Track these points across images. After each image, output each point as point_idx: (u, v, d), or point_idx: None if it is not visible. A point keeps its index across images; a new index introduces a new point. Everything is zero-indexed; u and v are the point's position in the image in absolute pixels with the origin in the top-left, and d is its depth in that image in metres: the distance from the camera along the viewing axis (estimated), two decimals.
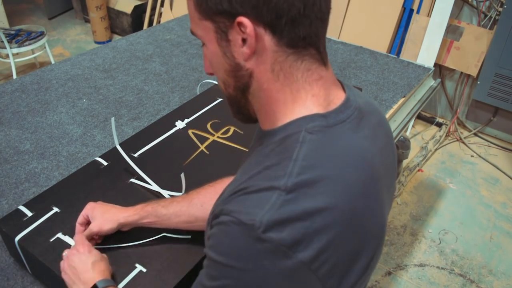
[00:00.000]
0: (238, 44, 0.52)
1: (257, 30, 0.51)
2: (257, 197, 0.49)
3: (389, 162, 0.63)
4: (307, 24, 0.52)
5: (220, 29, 0.53)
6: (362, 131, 0.57)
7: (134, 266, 0.81)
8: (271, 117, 0.57)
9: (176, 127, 1.20)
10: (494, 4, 2.52)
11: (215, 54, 0.56)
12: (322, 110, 0.55)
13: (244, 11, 0.50)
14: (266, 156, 0.55)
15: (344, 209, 0.50)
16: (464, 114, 2.92)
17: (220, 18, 0.52)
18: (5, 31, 2.99)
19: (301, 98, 0.55)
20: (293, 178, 0.49)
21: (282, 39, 0.52)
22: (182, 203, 0.83)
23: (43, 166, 1.17)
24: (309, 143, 0.52)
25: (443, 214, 2.28)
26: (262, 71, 0.54)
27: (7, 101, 1.44)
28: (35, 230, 0.87)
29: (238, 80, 0.56)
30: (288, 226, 0.47)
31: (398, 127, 1.51)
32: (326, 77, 0.56)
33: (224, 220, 0.50)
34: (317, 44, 0.54)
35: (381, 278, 1.93)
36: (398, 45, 2.66)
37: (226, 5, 0.50)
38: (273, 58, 0.53)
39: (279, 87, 0.55)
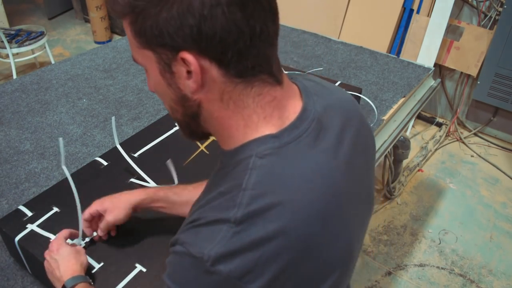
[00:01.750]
0: (183, 76, 0.50)
1: (202, 63, 0.49)
2: (208, 230, 0.49)
3: (359, 165, 0.61)
4: (254, 54, 0.50)
5: (162, 60, 0.51)
6: (321, 143, 0.54)
7: (134, 266, 0.81)
8: (226, 139, 0.56)
9: (176, 127, 1.20)
10: (494, 4, 2.52)
11: (159, 84, 0.54)
12: (274, 130, 0.53)
13: (187, 46, 0.47)
14: (222, 178, 0.54)
15: (296, 234, 0.48)
16: (464, 114, 2.92)
17: (161, 50, 0.49)
18: (5, 31, 2.99)
19: (253, 122, 0.53)
20: (242, 209, 0.48)
21: (229, 71, 0.50)
22: (193, 192, 0.83)
23: (43, 166, 1.17)
24: (259, 169, 0.50)
25: (443, 214, 2.28)
26: (210, 101, 0.52)
27: (7, 101, 1.44)
28: (35, 230, 0.87)
29: (186, 109, 0.55)
30: (237, 258, 0.47)
31: (398, 127, 1.51)
32: (280, 96, 0.54)
33: (178, 250, 0.50)
34: (268, 69, 0.52)
35: (381, 278, 1.93)
36: (398, 45, 2.66)
37: (168, 39, 0.48)
38: (221, 88, 0.51)
39: (230, 114, 0.53)
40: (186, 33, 0.47)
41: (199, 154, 1.11)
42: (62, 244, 0.80)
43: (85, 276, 0.76)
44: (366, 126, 0.66)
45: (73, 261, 0.77)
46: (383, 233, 2.16)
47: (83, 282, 0.74)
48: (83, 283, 0.74)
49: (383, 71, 1.73)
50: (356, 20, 2.68)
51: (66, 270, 0.75)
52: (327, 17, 2.74)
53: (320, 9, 2.74)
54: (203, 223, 0.50)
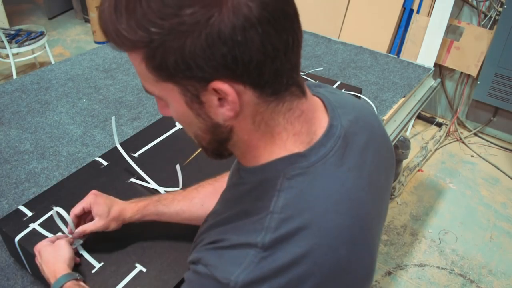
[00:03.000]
0: (215, 105, 0.46)
1: (236, 89, 0.45)
2: (233, 254, 0.48)
3: (381, 184, 0.59)
4: (289, 67, 0.47)
5: (189, 91, 0.46)
6: (346, 161, 0.53)
7: (134, 266, 0.81)
8: (248, 158, 0.54)
9: (176, 127, 1.20)
10: (494, 4, 2.52)
11: (184, 115, 0.49)
12: (302, 148, 0.51)
13: (220, 76, 0.43)
14: (244, 196, 0.53)
15: (322, 259, 0.47)
16: (464, 114, 2.92)
17: (188, 82, 0.45)
18: (5, 31, 2.99)
19: (282, 139, 0.51)
20: (270, 233, 0.46)
21: (264, 91, 0.46)
22: (182, 202, 0.84)
23: (43, 166, 1.17)
24: (287, 192, 0.49)
25: (443, 214, 2.28)
26: (242, 125, 0.49)
27: (7, 101, 1.44)
28: (35, 230, 0.87)
29: (216, 135, 0.51)
30: (265, 284, 0.45)
31: (398, 127, 1.51)
32: (307, 109, 0.52)
33: (201, 272, 0.49)
34: (297, 80, 0.50)
35: (381, 278, 1.93)
36: (398, 45, 2.66)
37: (197, 71, 0.43)
38: (254, 110, 0.48)
39: (259, 135, 0.50)
40: (218, 63, 0.42)
41: (199, 154, 1.11)
42: (42, 245, 0.79)
43: (69, 273, 0.74)
44: (387, 139, 0.65)
45: (52, 261, 0.76)
46: (383, 233, 2.15)
47: (68, 282, 0.73)
48: (69, 282, 0.73)
49: (383, 71, 1.72)
50: (356, 20, 2.68)
51: (50, 273, 0.75)
52: (327, 17, 2.74)
53: (320, 9, 2.74)
54: (228, 245, 0.49)
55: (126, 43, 0.44)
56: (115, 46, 0.45)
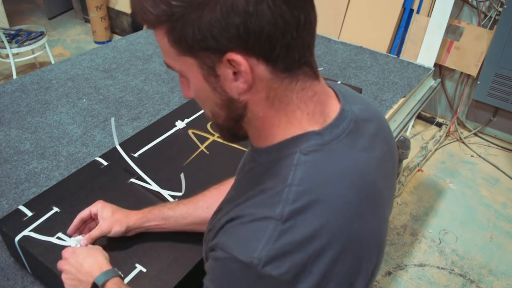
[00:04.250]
0: (230, 78, 0.48)
1: (250, 62, 0.47)
2: (253, 228, 0.48)
3: (389, 170, 0.62)
4: (300, 44, 0.49)
5: (205, 64, 0.48)
6: (359, 143, 0.55)
7: (134, 266, 0.81)
8: (265, 138, 0.55)
9: (176, 127, 1.20)
10: (494, 4, 2.52)
11: (202, 89, 0.52)
12: (317, 127, 0.53)
13: (234, 47, 0.46)
14: (260, 176, 0.53)
15: (339, 230, 0.49)
16: (464, 114, 2.92)
17: (204, 54, 0.47)
18: (5, 31, 2.99)
19: (296, 118, 0.53)
20: (289, 205, 0.47)
21: (277, 66, 0.48)
22: (188, 206, 0.84)
23: (43, 166, 1.17)
24: (304, 166, 0.50)
25: (443, 214, 2.28)
26: (257, 100, 0.51)
27: (7, 101, 1.44)
28: (35, 230, 0.87)
29: (231, 111, 0.53)
30: (288, 259, 0.46)
31: (398, 127, 1.51)
32: (320, 91, 0.54)
33: (221, 257, 0.49)
34: (309, 59, 0.52)
35: (381, 278, 1.93)
36: (398, 45, 2.66)
37: (212, 42, 0.46)
38: (268, 86, 0.50)
39: (274, 112, 0.52)
40: (232, 34, 0.45)
41: (199, 154, 1.11)
42: (74, 248, 0.78)
43: (115, 269, 0.74)
44: (392, 135, 0.67)
45: (96, 255, 0.75)
46: None
47: (115, 277, 0.72)
48: (115, 277, 0.72)
49: (383, 71, 1.73)
50: (356, 20, 2.68)
51: (92, 267, 0.73)
52: (327, 17, 2.74)
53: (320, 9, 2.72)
54: (246, 221, 0.49)
55: (151, 18, 0.47)
56: (143, 21, 0.49)
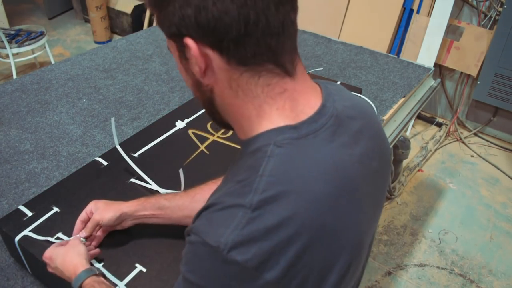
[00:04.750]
0: (193, 62, 0.54)
1: (204, 50, 0.52)
2: (223, 215, 0.50)
3: (373, 168, 0.61)
4: (253, 42, 0.51)
5: (179, 47, 0.55)
6: (338, 139, 0.56)
7: (134, 266, 0.81)
8: (241, 128, 0.58)
9: (176, 127, 1.20)
10: (494, 4, 2.52)
11: (180, 70, 0.59)
12: (291, 122, 0.54)
13: (189, 33, 0.51)
14: (239, 167, 0.55)
15: (309, 222, 0.49)
16: (464, 114, 2.92)
17: (175, 38, 0.54)
18: (5, 31, 2.99)
19: (265, 112, 0.54)
20: (259, 194, 0.49)
21: (230, 59, 0.52)
22: (185, 198, 0.84)
23: (43, 166, 1.17)
24: (277, 157, 0.51)
25: (443, 214, 2.28)
26: (220, 88, 0.55)
27: (7, 101, 1.44)
28: (35, 230, 0.87)
29: (202, 94, 0.58)
30: (254, 246, 0.47)
31: (398, 127, 1.51)
32: (292, 88, 0.55)
33: (193, 240, 0.51)
34: (273, 59, 0.53)
35: (381, 278, 1.93)
36: (398, 45, 2.66)
37: (174, 28, 0.53)
38: (227, 75, 0.53)
39: (240, 103, 0.55)
40: (186, 23, 0.51)
41: (199, 154, 1.11)
42: (51, 249, 0.79)
43: (89, 268, 0.75)
44: (382, 134, 0.67)
45: (69, 257, 0.76)
46: (383, 233, 2.16)
47: (88, 277, 0.73)
48: (89, 278, 0.73)
49: (383, 71, 1.72)
50: (356, 20, 2.68)
51: (68, 271, 0.75)
52: (327, 17, 2.74)
53: (320, 9, 2.74)
54: (218, 208, 0.51)
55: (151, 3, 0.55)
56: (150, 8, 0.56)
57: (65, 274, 0.75)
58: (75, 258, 0.76)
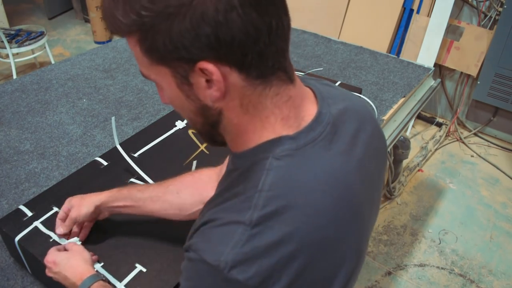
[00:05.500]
0: (203, 86, 0.49)
1: (222, 70, 0.47)
2: (222, 233, 0.48)
3: (371, 171, 0.60)
4: (273, 50, 0.48)
5: (179, 73, 0.49)
6: (335, 147, 0.54)
7: (134, 266, 0.81)
8: (241, 143, 0.55)
9: (176, 127, 1.20)
10: (494, 4, 2.52)
11: (176, 97, 0.52)
12: (291, 132, 0.52)
13: (205, 56, 0.46)
14: (236, 179, 0.54)
15: (310, 237, 0.48)
16: (464, 114, 2.92)
17: (177, 63, 0.47)
18: (5, 31, 2.99)
19: (270, 123, 0.52)
20: (258, 211, 0.47)
21: (250, 74, 0.48)
22: (158, 189, 0.83)
23: (43, 166, 1.17)
24: (276, 171, 0.50)
25: (443, 214, 2.28)
26: (231, 107, 0.51)
27: (7, 101, 1.44)
28: (35, 230, 0.87)
29: (207, 118, 0.53)
30: (254, 264, 0.46)
31: (398, 127, 1.51)
32: (295, 95, 0.54)
33: (192, 258, 0.50)
34: (284, 65, 0.51)
35: (381, 278, 1.93)
36: (398, 45, 2.66)
37: (183, 52, 0.46)
38: (241, 93, 0.50)
39: (248, 119, 0.52)
40: (203, 43, 0.45)
41: (199, 154, 1.11)
42: (55, 253, 0.78)
43: (95, 274, 0.75)
44: (379, 131, 0.66)
45: (75, 263, 0.76)
46: (383, 233, 2.16)
47: (95, 283, 0.73)
48: (96, 283, 0.73)
49: (383, 71, 1.72)
50: (356, 20, 2.68)
51: (74, 276, 0.74)
52: (327, 17, 2.74)
53: (320, 9, 2.74)
54: (217, 224, 0.49)
55: (122, 28, 0.47)
56: (114, 30, 0.49)
57: (69, 279, 0.74)
58: (81, 264, 0.76)
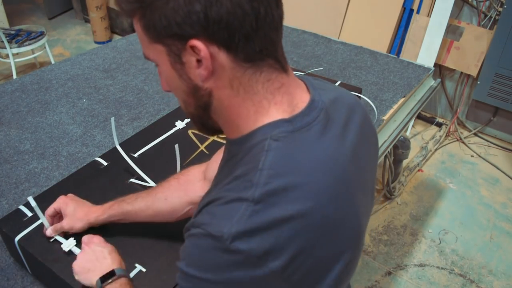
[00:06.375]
0: (193, 65, 0.51)
1: (211, 50, 0.50)
2: (226, 209, 0.49)
3: (364, 160, 0.62)
4: (261, 36, 0.51)
5: (172, 52, 0.52)
6: (330, 132, 0.56)
7: (134, 266, 0.81)
8: (235, 128, 0.57)
9: (176, 127, 1.20)
10: (494, 4, 2.52)
11: (171, 77, 0.55)
12: (286, 116, 0.54)
13: (195, 33, 0.49)
14: (234, 165, 0.55)
15: (314, 216, 0.50)
16: (464, 114, 2.92)
17: (171, 41, 0.51)
18: (5, 31, 2.99)
19: (264, 107, 0.54)
20: (260, 188, 0.49)
21: (238, 56, 0.51)
22: (147, 199, 0.85)
23: (43, 166, 1.17)
24: (275, 151, 0.51)
25: (443, 214, 2.28)
26: (221, 89, 0.53)
27: (7, 101, 1.44)
28: (35, 230, 0.87)
29: (198, 99, 0.56)
30: (257, 236, 0.47)
31: (398, 127, 1.51)
32: (287, 83, 0.56)
33: (195, 233, 0.51)
34: (274, 54, 0.54)
35: (381, 278, 1.93)
36: (398, 45, 2.66)
37: (176, 28, 0.49)
38: (231, 74, 0.52)
39: (240, 101, 0.54)
40: (193, 20, 0.48)
41: (199, 154, 1.11)
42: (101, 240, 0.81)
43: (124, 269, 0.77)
44: (368, 119, 0.68)
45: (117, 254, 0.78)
46: (383, 233, 2.16)
47: (126, 277, 0.74)
48: (126, 277, 0.74)
49: (383, 71, 1.72)
50: (356, 20, 2.68)
51: (115, 260, 0.76)
52: (327, 17, 2.74)
53: (320, 9, 2.74)
54: (221, 202, 0.51)
55: (126, 7, 0.52)
56: (122, 11, 0.53)
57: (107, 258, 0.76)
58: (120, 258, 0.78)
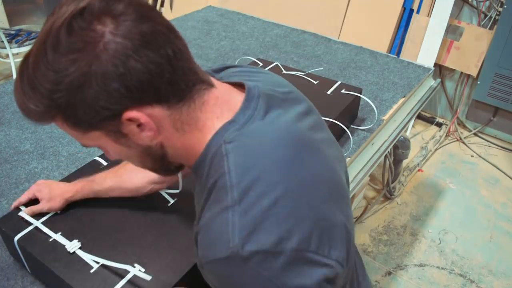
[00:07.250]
0: (136, 132, 0.52)
1: (147, 112, 0.51)
2: (216, 227, 0.50)
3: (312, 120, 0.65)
4: (181, 74, 0.52)
5: (111, 131, 0.52)
6: (273, 112, 0.58)
7: (134, 266, 0.81)
8: (193, 156, 0.58)
9: None
10: (494, 4, 2.52)
11: (120, 151, 0.56)
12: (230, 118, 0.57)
13: (125, 107, 0.49)
14: (205, 182, 0.56)
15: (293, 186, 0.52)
16: (464, 114, 2.92)
17: (104, 124, 0.51)
18: (5, 31, 2.99)
19: (208, 126, 0.56)
20: (236, 188, 0.50)
21: (170, 102, 0.52)
22: (113, 180, 0.89)
23: (43, 166, 1.17)
24: (233, 151, 0.53)
25: (443, 214, 2.28)
26: (169, 136, 0.55)
27: (7, 101, 1.44)
28: (35, 230, 0.87)
29: (153, 156, 0.57)
30: (260, 231, 0.48)
31: (398, 127, 1.51)
32: (220, 94, 0.58)
33: (210, 269, 0.52)
34: (197, 78, 0.55)
35: (381, 278, 1.93)
36: (398, 45, 2.66)
37: (105, 112, 0.49)
38: (172, 121, 0.53)
39: (189, 136, 0.56)
40: (116, 98, 0.48)
41: None
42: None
43: None
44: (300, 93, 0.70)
45: None
46: (383, 233, 2.16)
47: None
48: None
49: (383, 71, 1.73)
50: (356, 20, 2.68)
51: None
52: (327, 17, 2.74)
53: (320, 9, 2.74)
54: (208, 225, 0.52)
55: (43, 115, 0.50)
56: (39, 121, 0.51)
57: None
58: None
